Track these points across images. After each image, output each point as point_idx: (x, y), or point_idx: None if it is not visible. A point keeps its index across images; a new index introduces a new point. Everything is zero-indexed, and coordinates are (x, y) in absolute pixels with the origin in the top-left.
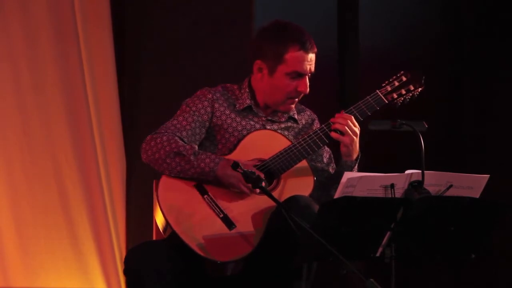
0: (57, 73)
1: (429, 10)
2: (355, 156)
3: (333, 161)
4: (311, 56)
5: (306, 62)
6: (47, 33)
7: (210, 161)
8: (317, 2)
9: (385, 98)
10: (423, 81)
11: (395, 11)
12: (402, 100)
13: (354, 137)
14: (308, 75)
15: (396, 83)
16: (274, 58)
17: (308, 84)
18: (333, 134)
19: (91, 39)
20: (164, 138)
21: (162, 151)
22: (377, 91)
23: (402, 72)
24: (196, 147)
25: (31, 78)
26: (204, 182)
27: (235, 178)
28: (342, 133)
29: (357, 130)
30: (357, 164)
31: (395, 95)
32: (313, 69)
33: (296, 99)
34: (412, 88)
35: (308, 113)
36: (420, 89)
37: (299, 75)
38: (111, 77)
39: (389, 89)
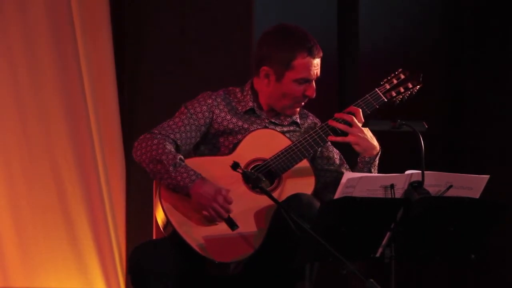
0: (56, 74)
1: (429, 10)
2: (374, 151)
3: (345, 162)
4: (317, 61)
5: (313, 68)
6: (45, 34)
7: (187, 177)
8: (317, 2)
9: (384, 96)
10: (421, 78)
11: (395, 11)
12: (401, 98)
13: (360, 134)
14: (315, 80)
15: (395, 81)
16: (282, 65)
17: (315, 88)
18: (331, 138)
19: (89, 40)
20: (155, 141)
21: (149, 154)
22: (376, 89)
23: (400, 70)
24: (181, 157)
25: (30, 79)
26: None
27: (206, 199)
28: (344, 132)
29: (360, 125)
30: (377, 160)
31: (393, 93)
32: (319, 73)
33: (303, 103)
34: (410, 86)
35: (311, 117)
36: (418, 86)
37: (307, 80)
38: (110, 78)
39: (387, 87)
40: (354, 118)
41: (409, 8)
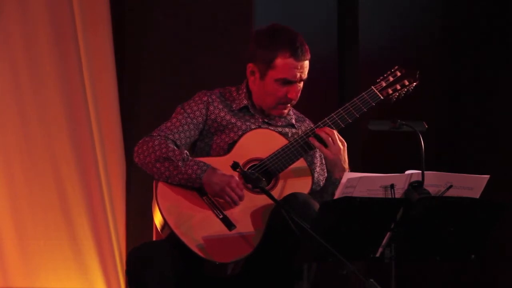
0: (56, 74)
1: (429, 10)
2: (337, 174)
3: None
4: (303, 64)
5: (296, 70)
6: (46, 33)
7: (198, 168)
8: (318, 2)
9: (380, 94)
10: (417, 76)
11: (395, 11)
12: (397, 96)
13: (339, 155)
14: (299, 82)
15: (391, 79)
16: (265, 63)
17: (298, 91)
18: (312, 139)
19: (90, 39)
20: (156, 142)
21: (153, 155)
22: (372, 87)
23: (396, 67)
24: (186, 152)
25: (30, 78)
26: None
27: (219, 186)
28: (326, 144)
29: (341, 145)
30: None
31: (390, 91)
32: (304, 76)
33: (288, 105)
34: (406, 83)
35: (308, 122)
36: (414, 84)
37: (289, 82)
38: (111, 77)
39: (384, 84)
40: (335, 134)
41: (409, 8)
